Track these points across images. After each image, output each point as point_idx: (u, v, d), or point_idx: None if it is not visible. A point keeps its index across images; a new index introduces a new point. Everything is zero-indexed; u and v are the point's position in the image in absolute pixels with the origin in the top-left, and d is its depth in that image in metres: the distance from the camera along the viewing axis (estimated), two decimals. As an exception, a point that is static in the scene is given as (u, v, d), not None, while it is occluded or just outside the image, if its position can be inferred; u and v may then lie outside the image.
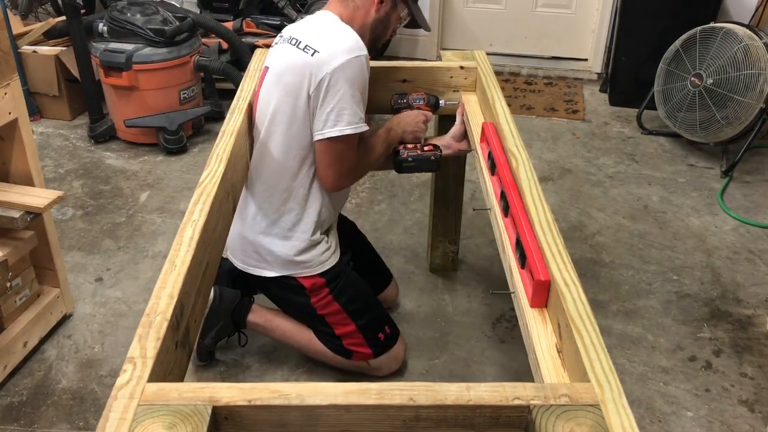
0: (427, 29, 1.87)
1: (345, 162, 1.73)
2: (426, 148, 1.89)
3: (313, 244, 1.83)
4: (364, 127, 1.69)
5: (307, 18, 1.79)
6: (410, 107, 1.96)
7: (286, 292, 1.90)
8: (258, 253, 1.84)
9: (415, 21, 1.83)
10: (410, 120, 1.89)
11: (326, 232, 1.89)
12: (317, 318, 1.90)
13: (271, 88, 1.71)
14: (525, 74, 4.28)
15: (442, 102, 1.98)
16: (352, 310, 1.89)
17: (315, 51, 1.62)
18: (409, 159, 1.87)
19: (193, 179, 3.02)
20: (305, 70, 1.63)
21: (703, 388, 2.01)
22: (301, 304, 1.89)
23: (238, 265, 1.90)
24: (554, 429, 0.89)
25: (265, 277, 1.87)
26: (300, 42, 1.67)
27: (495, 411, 0.93)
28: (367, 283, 2.05)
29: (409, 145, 1.90)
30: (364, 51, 1.64)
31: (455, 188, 2.30)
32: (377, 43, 1.78)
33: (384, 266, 2.23)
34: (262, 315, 1.99)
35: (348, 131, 1.65)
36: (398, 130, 1.87)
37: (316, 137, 1.68)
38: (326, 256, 1.86)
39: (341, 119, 1.63)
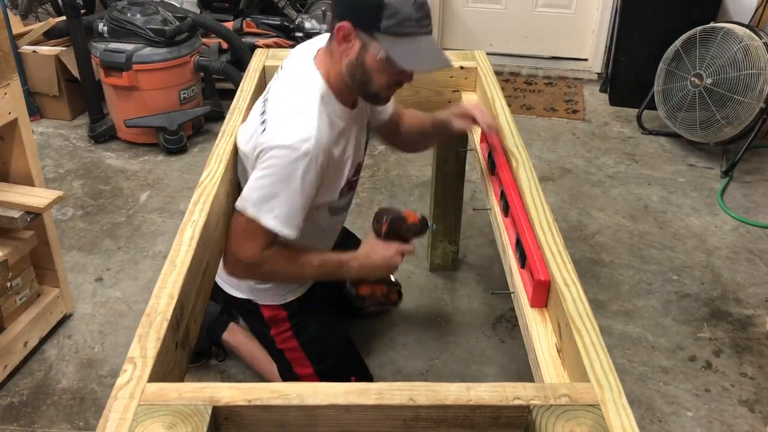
0: (419, 69, 1.50)
1: (243, 246, 1.49)
2: (391, 297, 1.72)
3: None
4: (271, 223, 1.44)
5: (297, 62, 1.58)
6: (404, 240, 1.62)
7: (250, 317, 1.85)
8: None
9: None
10: (382, 266, 1.61)
11: None
12: (277, 351, 1.83)
13: (240, 132, 1.59)
14: (525, 74, 4.28)
15: (431, 224, 1.71)
16: (311, 352, 1.78)
17: (265, 129, 1.46)
18: (369, 307, 1.73)
19: (193, 179, 3.02)
20: (252, 142, 1.48)
21: (703, 388, 2.01)
22: (262, 333, 1.83)
23: (217, 279, 1.79)
24: (554, 429, 0.89)
25: (232, 297, 1.82)
26: (265, 111, 1.50)
27: (495, 411, 0.93)
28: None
29: (377, 290, 1.69)
30: (306, 148, 1.40)
31: (455, 188, 2.30)
32: (367, 91, 1.49)
33: (386, 278, 2.18)
34: (236, 337, 1.96)
35: (249, 211, 1.44)
36: (354, 274, 1.63)
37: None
38: (291, 287, 1.76)
39: (249, 197, 1.45)
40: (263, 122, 1.47)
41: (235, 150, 1.56)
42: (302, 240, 1.54)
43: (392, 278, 1.71)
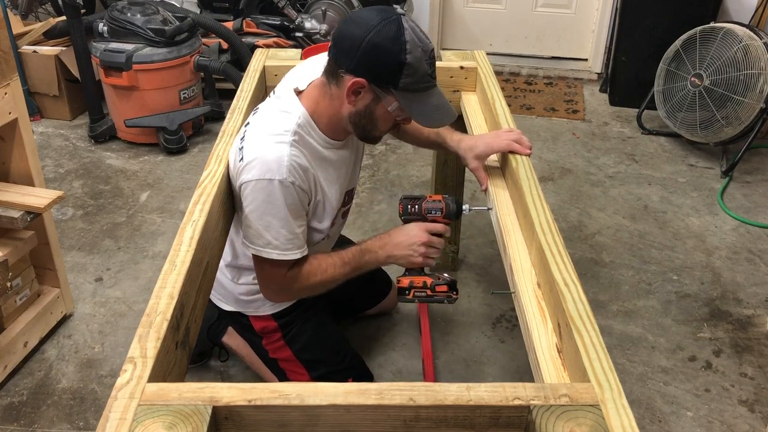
0: (434, 125, 1.47)
1: (265, 279, 1.56)
2: (438, 288, 1.55)
3: None
4: (273, 254, 1.47)
5: (279, 96, 1.56)
6: (423, 219, 1.57)
7: (241, 329, 1.86)
8: (217, 283, 1.78)
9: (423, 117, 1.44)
10: (403, 242, 1.54)
11: None
12: (270, 360, 1.84)
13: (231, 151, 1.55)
14: (525, 74, 4.28)
15: (465, 208, 1.58)
16: (306, 360, 1.78)
17: (242, 157, 1.44)
18: (414, 300, 1.58)
19: (193, 179, 3.02)
20: (234, 171, 1.47)
21: (703, 388, 2.01)
22: (254, 343, 1.84)
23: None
24: (554, 429, 0.89)
25: (221, 309, 1.84)
26: (244, 136, 1.48)
27: (495, 411, 0.93)
28: (365, 299, 1.99)
29: (417, 280, 1.56)
30: (281, 175, 1.41)
31: (455, 188, 2.29)
32: (367, 135, 1.51)
33: (383, 278, 2.17)
34: (236, 340, 1.95)
35: (251, 250, 1.49)
36: (380, 255, 1.56)
37: None
38: None
39: (247, 235, 1.49)
40: (241, 149, 1.45)
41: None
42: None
43: (446, 275, 1.59)
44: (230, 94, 1.97)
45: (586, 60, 4.33)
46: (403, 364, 2.08)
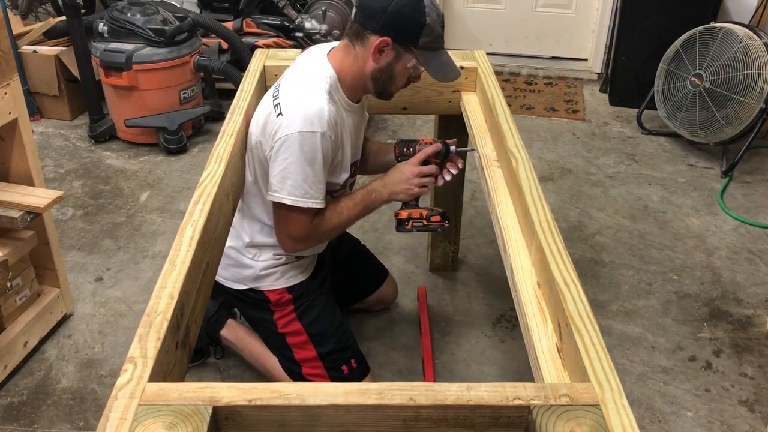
0: (446, 79, 1.68)
1: (292, 228, 1.66)
2: (433, 218, 1.76)
3: (283, 263, 1.81)
4: (308, 203, 1.60)
5: (309, 56, 1.72)
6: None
7: (253, 308, 1.87)
8: (229, 265, 1.82)
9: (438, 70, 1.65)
10: (399, 179, 1.73)
11: (300, 257, 1.85)
12: (278, 337, 1.85)
13: (253, 119, 1.68)
14: (525, 74, 4.28)
15: (453, 149, 1.77)
16: (315, 334, 1.82)
17: (281, 113, 1.57)
18: (413, 230, 1.78)
19: (193, 179, 3.02)
20: (269, 127, 1.59)
21: (703, 388, 2.01)
22: (265, 320, 1.85)
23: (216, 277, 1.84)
24: (554, 429, 0.89)
25: (233, 290, 1.85)
26: (278, 95, 1.61)
27: (495, 411, 0.93)
28: (361, 283, 2.01)
29: (414, 212, 1.76)
30: (322, 128, 1.54)
31: (455, 188, 2.30)
32: (385, 92, 1.67)
33: (378, 266, 2.20)
34: (235, 332, 1.98)
35: (286, 201, 1.59)
36: (384, 193, 1.74)
37: (267, 195, 1.64)
38: (294, 272, 1.82)
39: (283, 187, 1.58)
40: (277, 105, 1.59)
41: (236, 150, 1.56)
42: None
43: (438, 208, 1.82)
44: (230, 94, 1.97)
45: (586, 60, 4.33)
46: (403, 364, 2.08)
